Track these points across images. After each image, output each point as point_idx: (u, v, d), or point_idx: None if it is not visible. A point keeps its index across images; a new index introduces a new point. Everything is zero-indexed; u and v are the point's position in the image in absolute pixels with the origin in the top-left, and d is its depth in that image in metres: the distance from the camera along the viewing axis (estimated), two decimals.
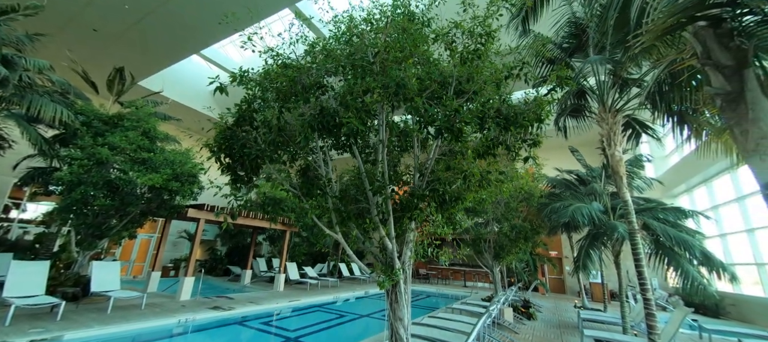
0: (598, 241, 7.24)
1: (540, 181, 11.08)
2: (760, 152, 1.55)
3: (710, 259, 5.91)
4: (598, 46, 5.05)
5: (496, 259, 10.12)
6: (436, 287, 16.62)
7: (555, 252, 16.73)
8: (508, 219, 9.53)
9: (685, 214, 7.26)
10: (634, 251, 4.54)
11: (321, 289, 12.70)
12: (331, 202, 3.47)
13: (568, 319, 9.36)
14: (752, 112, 1.60)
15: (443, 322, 6.31)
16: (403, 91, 2.38)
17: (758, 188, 5.22)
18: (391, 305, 3.56)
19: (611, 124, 5.13)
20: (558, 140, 7.27)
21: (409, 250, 3.69)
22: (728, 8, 1.67)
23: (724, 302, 10.78)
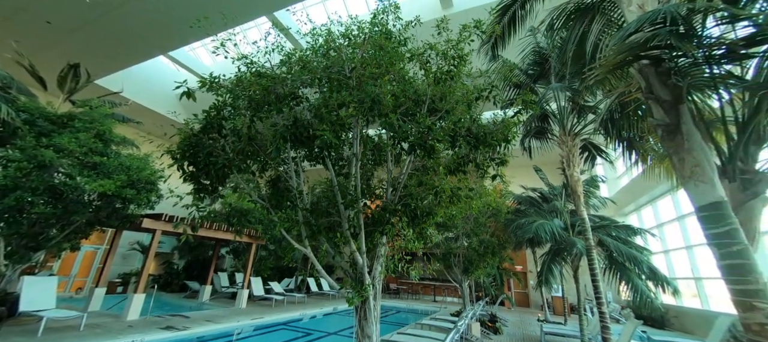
0: (559, 257, 7.63)
1: (507, 197, 11.58)
2: (694, 178, 1.74)
3: (656, 274, 6.44)
4: (558, 74, 5.46)
5: (465, 273, 10.31)
6: (406, 302, 16.54)
7: (520, 266, 17.38)
8: (477, 234, 9.80)
9: (635, 232, 7.89)
10: (590, 266, 4.83)
11: (287, 306, 12.16)
12: (301, 214, 3.37)
13: (532, 333, 9.66)
14: (687, 142, 1.81)
15: (412, 339, 6.26)
16: (378, 107, 2.41)
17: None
18: (359, 322, 3.48)
19: (570, 146, 5.52)
20: (524, 159, 7.69)
21: (380, 265, 3.66)
22: (666, 50, 1.90)
23: (669, 314, 11.70)
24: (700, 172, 1.73)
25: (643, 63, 2.05)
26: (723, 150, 1.98)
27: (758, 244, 1.75)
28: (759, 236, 1.79)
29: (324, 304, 13.40)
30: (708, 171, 1.73)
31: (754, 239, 1.74)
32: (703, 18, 2.06)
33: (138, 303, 8.30)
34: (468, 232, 10.11)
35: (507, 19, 4.60)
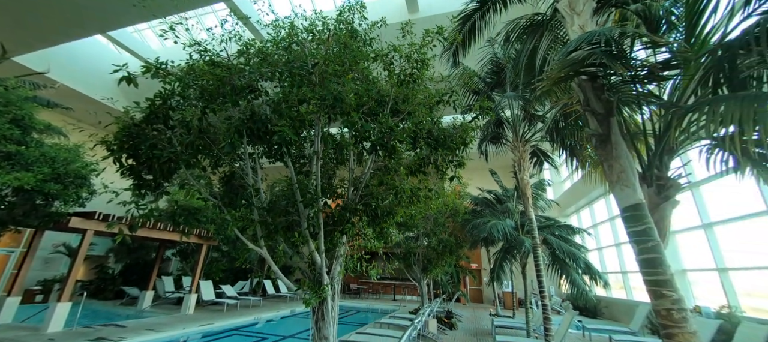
0: (509, 254, 8.16)
1: (465, 198, 12.12)
2: (620, 183, 1.97)
3: (591, 269, 7.17)
4: (513, 84, 5.86)
5: (424, 272, 10.59)
6: (366, 302, 16.56)
7: (475, 264, 18.28)
8: (436, 233, 10.13)
9: (574, 231, 8.71)
10: (535, 263, 5.23)
11: (241, 310, 11.53)
12: (257, 213, 3.22)
13: (484, 327, 10.22)
14: (615, 151, 2.05)
15: (370, 338, 6.28)
16: (340, 105, 2.39)
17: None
18: (316, 323, 3.42)
19: (521, 151, 5.93)
20: (481, 163, 8.13)
21: (339, 265, 3.62)
22: (601, 68, 2.13)
23: (600, 305, 13.08)
24: (625, 177, 1.97)
25: (582, 78, 2.28)
26: (643, 159, 2.26)
27: (668, 240, 2.03)
28: (668, 234, 2.08)
29: (281, 306, 12.93)
30: (631, 177, 1.97)
31: (664, 237, 2.02)
32: (631, 42, 2.34)
33: (62, 312, 7.32)
34: (428, 231, 10.42)
35: (467, 29, 4.83)
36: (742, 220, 7.19)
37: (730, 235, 7.72)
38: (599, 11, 3.02)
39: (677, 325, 1.64)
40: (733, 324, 5.98)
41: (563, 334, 6.19)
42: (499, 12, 4.67)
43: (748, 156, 2.44)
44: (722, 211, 7.82)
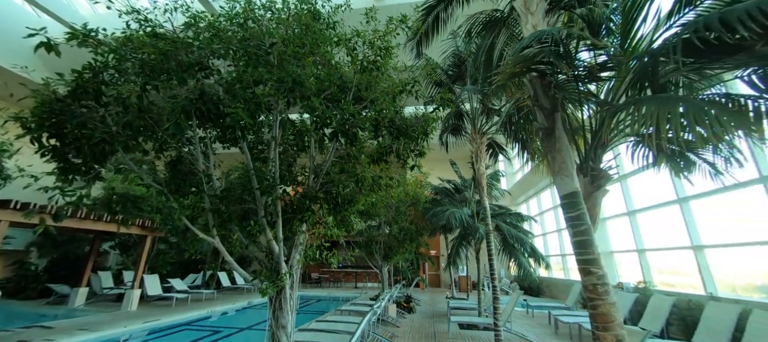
0: (465, 240, 8.62)
1: (426, 188, 12.50)
2: (560, 173, 2.17)
3: (536, 253, 7.85)
4: (473, 78, 6.08)
5: (385, 259, 10.82)
6: (327, 291, 16.52)
7: (434, 251, 19.08)
8: (398, 222, 10.36)
9: (523, 218, 9.43)
10: (488, 248, 5.60)
11: (192, 304, 10.88)
12: (208, 201, 3.02)
13: (441, 309, 10.77)
14: (558, 143, 2.24)
15: (330, 325, 6.31)
16: (300, 89, 2.29)
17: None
18: (274, 313, 3.34)
19: (479, 143, 6.23)
20: (442, 153, 8.40)
21: (298, 254, 3.56)
22: (549, 66, 2.30)
23: (543, 284, 14.44)
24: (565, 168, 2.17)
25: (533, 75, 2.45)
26: (581, 152, 2.50)
27: (597, 225, 2.28)
28: (598, 219, 2.34)
29: (237, 299, 12.42)
30: (570, 168, 2.18)
31: (595, 221, 2.27)
32: (576, 43, 2.54)
33: None
34: (390, 220, 10.61)
35: (431, 19, 4.89)
36: (658, 208, 8.32)
37: (648, 221, 8.90)
38: (550, 12, 3.23)
39: (600, 298, 1.87)
40: (647, 296, 6.96)
41: (510, 312, 6.74)
42: (462, 5, 4.78)
43: (663, 152, 2.81)
44: (643, 200, 8.96)
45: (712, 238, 6.91)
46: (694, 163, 2.70)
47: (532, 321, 8.92)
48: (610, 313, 1.82)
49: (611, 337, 1.77)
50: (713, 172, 2.69)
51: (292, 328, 3.40)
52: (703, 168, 2.82)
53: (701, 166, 2.79)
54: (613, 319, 1.81)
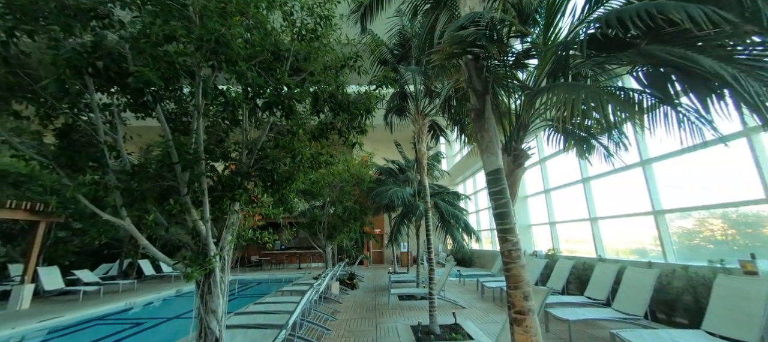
0: (406, 218, 9.01)
1: (371, 168, 12.62)
2: (487, 151, 2.36)
3: (468, 227, 8.57)
4: (417, 59, 6.16)
5: (329, 239, 10.79)
6: (269, 273, 15.96)
7: (379, 230, 19.63)
8: (342, 201, 10.34)
9: (459, 197, 10.17)
10: (426, 224, 5.93)
11: (106, 297, 9.58)
12: (114, 177, 2.60)
13: (383, 284, 11.25)
14: (487, 124, 2.42)
15: (269, 306, 6.15)
16: (225, 51, 2.03)
17: None
18: (202, 297, 3.11)
19: (421, 124, 6.42)
20: (388, 134, 8.50)
21: (230, 235, 3.32)
22: (482, 49, 2.43)
23: (474, 256, 15.96)
24: (491, 147, 2.36)
25: (468, 57, 2.56)
26: (507, 133, 2.74)
27: (516, 198, 2.55)
28: (517, 194, 2.63)
29: (163, 287, 11.29)
30: (495, 146, 2.38)
31: (514, 196, 2.54)
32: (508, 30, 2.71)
33: None
34: (334, 200, 10.53)
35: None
36: (567, 187, 9.68)
37: (559, 198, 10.32)
38: None
39: (513, 262, 2.13)
40: (554, 261, 8.16)
41: (443, 282, 7.32)
42: None
43: (571, 135, 3.23)
44: (557, 180, 10.33)
45: (604, 211, 8.33)
46: (594, 147, 3.17)
47: (463, 288, 9.84)
48: (521, 275, 2.09)
49: (520, 294, 2.04)
50: (606, 154, 3.19)
51: (224, 313, 3.21)
52: (600, 151, 3.32)
53: (598, 149, 3.28)
54: (523, 279, 2.08)
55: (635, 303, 5.01)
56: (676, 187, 6.51)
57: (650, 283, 4.96)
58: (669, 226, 6.59)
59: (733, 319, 3.76)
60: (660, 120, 2.58)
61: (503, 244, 2.19)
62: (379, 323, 6.06)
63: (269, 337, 4.21)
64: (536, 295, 2.79)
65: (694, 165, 6.11)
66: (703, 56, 1.64)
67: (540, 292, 2.99)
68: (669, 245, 6.43)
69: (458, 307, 7.24)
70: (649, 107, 2.40)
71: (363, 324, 6.07)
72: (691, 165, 6.16)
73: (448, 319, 5.92)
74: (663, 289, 5.57)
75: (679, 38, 1.77)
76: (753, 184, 4.99)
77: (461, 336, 5.05)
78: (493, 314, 6.55)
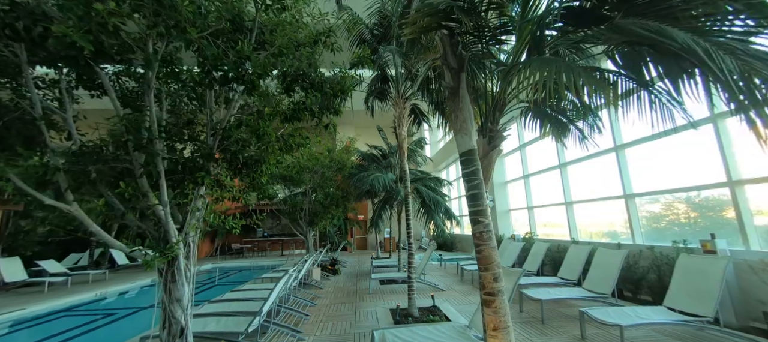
0: (388, 204, 8.97)
1: (353, 154, 12.45)
2: (461, 131, 2.28)
3: (449, 213, 8.64)
4: (397, 37, 5.97)
5: (310, 225, 10.64)
6: (250, 260, 15.72)
7: (362, 216, 19.63)
8: (324, 187, 10.16)
9: (441, 183, 10.21)
10: (406, 209, 5.89)
11: (75, 287, 9.15)
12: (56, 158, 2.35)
13: (365, 269, 11.30)
14: (461, 102, 2.33)
15: (247, 294, 6.02)
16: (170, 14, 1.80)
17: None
18: (166, 286, 2.95)
19: (401, 108, 6.29)
20: (371, 120, 8.33)
21: (196, 220, 3.14)
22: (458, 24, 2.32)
23: (455, 240, 16.27)
24: (466, 126, 2.28)
25: (443, 32, 2.45)
26: (482, 114, 2.67)
27: (491, 181, 2.50)
28: (492, 176, 2.58)
29: (138, 277, 10.90)
30: (470, 126, 2.30)
31: (488, 178, 2.50)
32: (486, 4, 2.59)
33: None
34: (315, 186, 10.33)
35: None
36: (545, 173, 9.88)
37: (538, 184, 10.55)
38: None
39: (484, 243, 2.09)
40: (531, 244, 8.39)
41: (424, 265, 7.39)
42: None
43: (547, 117, 3.20)
44: (535, 166, 10.52)
45: (579, 196, 8.58)
46: (569, 129, 3.16)
47: (444, 272, 10.01)
48: (491, 256, 2.06)
49: (490, 276, 2.02)
50: (581, 136, 3.20)
51: (190, 302, 3.07)
52: (575, 134, 3.32)
53: (574, 133, 3.28)
54: (493, 260, 2.05)
55: (604, 282, 5.21)
56: (645, 172, 6.74)
57: (618, 264, 5.16)
58: (638, 210, 6.86)
59: (692, 294, 3.97)
60: (633, 103, 2.59)
61: (475, 226, 2.14)
62: (359, 307, 6.07)
63: (243, 325, 4.11)
64: (510, 276, 2.81)
65: (663, 151, 6.32)
66: (677, 30, 1.60)
67: (513, 273, 3.01)
68: (637, 227, 6.71)
69: (437, 289, 7.35)
70: (623, 93, 2.38)
71: (343, 308, 6.05)
72: (661, 151, 6.37)
73: (428, 301, 5.99)
74: (630, 269, 5.83)
75: (654, 9, 1.72)
76: (716, 169, 5.21)
77: (439, 318, 5.12)
78: (471, 296, 6.68)
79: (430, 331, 3.66)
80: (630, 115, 2.78)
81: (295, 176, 9.79)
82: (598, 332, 4.29)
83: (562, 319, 4.92)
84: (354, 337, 4.50)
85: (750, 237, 4.67)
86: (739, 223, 4.80)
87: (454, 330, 3.72)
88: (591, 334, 4.21)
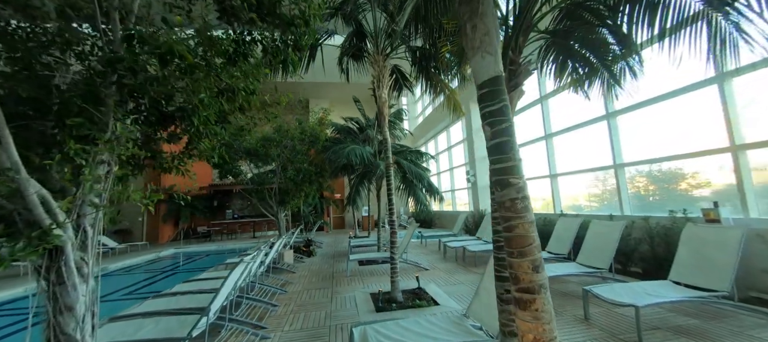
0: (366, 179, 8.22)
1: (328, 127, 11.44)
2: (482, 49, 1.52)
3: (433, 188, 8.05)
4: None
5: (281, 205, 9.69)
6: (219, 244, 14.55)
7: (339, 194, 18.81)
8: (294, 162, 9.17)
9: (422, 156, 9.55)
10: (387, 183, 5.17)
11: None
12: None
13: (343, 249, 10.63)
14: (483, 6, 1.56)
15: (202, 284, 5.13)
16: None
17: (460, 139, 7.32)
18: (50, 290, 2.04)
19: (381, 66, 5.43)
20: (345, 93, 7.36)
21: (98, 196, 2.20)
22: None
23: (436, 217, 15.97)
24: (488, 42, 1.53)
25: None
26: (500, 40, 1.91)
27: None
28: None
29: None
30: (495, 42, 1.55)
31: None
32: None
33: None
34: (284, 161, 9.30)
35: None
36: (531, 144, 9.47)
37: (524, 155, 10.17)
38: None
39: (518, 215, 1.40)
40: None
41: (406, 244, 6.80)
42: None
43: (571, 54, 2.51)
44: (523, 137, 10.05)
45: (563, 168, 8.26)
46: (597, 71, 2.50)
47: (425, 249, 9.57)
48: (529, 234, 1.38)
49: (527, 264, 1.34)
50: (610, 82, 2.55)
51: (92, 309, 2.18)
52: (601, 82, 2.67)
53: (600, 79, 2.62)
54: (531, 240, 1.38)
55: (600, 256, 4.85)
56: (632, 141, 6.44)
57: (616, 236, 4.80)
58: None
59: (703, 267, 3.62)
60: (685, 37, 1.95)
61: (504, 190, 1.44)
62: (336, 293, 5.39)
63: (188, 326, 3.28)
64: None
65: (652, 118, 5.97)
66: None
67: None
68: (626, 198, 6.46)
69: (421, 269, 6.84)
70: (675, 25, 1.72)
71: (317, 295, 5.35)
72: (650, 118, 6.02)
73: (412, 283, 5.42)
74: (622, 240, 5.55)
75: None
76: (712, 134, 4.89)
77: (426, 302, 4.56)
78: (457, 274, 6.21)
79: (421, 323, 3.04)
80: (678, 49, 2.16)
81: (260, 150, 8.71)
82: (600, 311, 3.90)
83: (560, 297, 4.52)
84: (329, 332, 3.82)
85: (750, 205, 4.43)
86: (739, 191, 4.54)
87: (448, 320, 3.12)
88: (593, 313, 3.81)
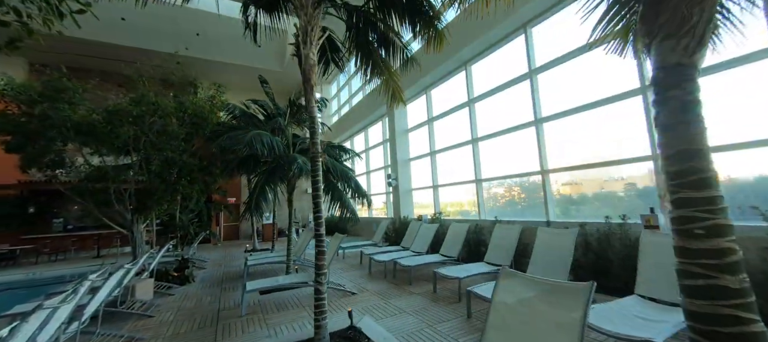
0: (274, 176, 6.26)
1: (220, 109, 8.79)
2: None
3: (360, 190, 6.70)
4: None
5: (138, 212, 6.66)
6: (30, 270, 9.56)
7: (234, 198, 15.47)
8: (163, 151, 6.40)
9: (347, 152, 8.12)
10: (313, 178, 3.60)
11: None
12: None
13: (236, 269, 8.16)
14: None
15: None
16: None
17: (380, 140, 6.03)
18: None
19: (311, 15, 3.84)
20: (250, 81, 5.30)
21: None
22: None
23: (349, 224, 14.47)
24: None
25: None
26: None
27: None
28: None
29: None
30: None
31: None
32: None
33: None
34: (148, 149, 6.41)
35: None
36: (454, 149, 9.16)
37: (445, 160, 9.83)
38: None
39: None
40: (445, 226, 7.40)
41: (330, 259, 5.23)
42: None
43: None
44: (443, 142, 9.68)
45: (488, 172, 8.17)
46: None
47: (344, 263, 8.11)
48: None
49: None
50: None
51: None
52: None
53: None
54: None
55: (556, 269, 4.38)
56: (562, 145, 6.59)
57: (570, 246, 4.43)
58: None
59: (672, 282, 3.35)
60: None
61: None
62: None
63: None
64: None
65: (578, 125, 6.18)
66: None
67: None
68: (552, 204, 6.51)
69: (346, 293, 5.37)
70: None
71: None
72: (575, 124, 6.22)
73: (340, 319, 3.90)
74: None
75: None
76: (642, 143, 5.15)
77: None
78: (394, 299, 4.98)
79: None
80: None
81: (102, 128, 5.70)
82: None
83: None
84: None
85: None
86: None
87: None
88: None
